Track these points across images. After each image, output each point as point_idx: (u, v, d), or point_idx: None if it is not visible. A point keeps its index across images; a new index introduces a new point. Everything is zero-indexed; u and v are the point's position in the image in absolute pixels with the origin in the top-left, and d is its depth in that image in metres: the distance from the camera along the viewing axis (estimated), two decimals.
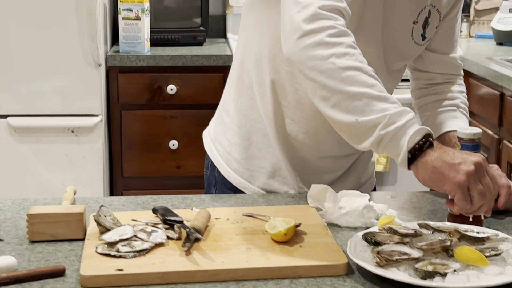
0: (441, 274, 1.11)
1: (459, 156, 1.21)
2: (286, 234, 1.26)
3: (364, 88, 1.25)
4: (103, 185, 3.11)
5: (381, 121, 1.23)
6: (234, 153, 1.60)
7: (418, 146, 1.23)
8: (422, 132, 1.23)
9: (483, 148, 2.90)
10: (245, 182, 1.60)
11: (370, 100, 1.24)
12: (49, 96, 3.02)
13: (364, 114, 1.24)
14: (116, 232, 1.25)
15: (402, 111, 1.24)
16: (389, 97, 1.27)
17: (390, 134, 1.23)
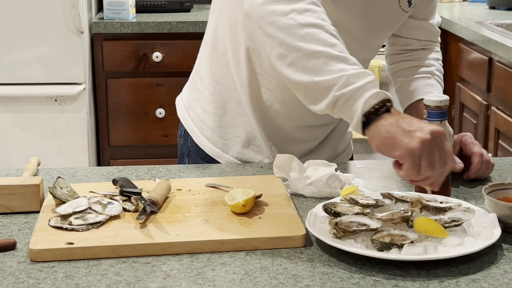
0: (398, 246, 1.09)
1: (416, 124, 1.15)
2: (245, 205, 1.23)
3: (323, 46, 1.21)
4: (89, 154, 3.08)
5: (338, 82, 1.19)
6: (208, 121, 1.57)
7: (373, 110, 1.17)
8: (380, 96, 1.18)
9: (472, 114, 2.86)
10: (219, 151, 1.56)
11: (328, 59, 1.20)
12: (31, 64, 2.98)
13: (321, 74, 1.20)
14: (71, 205, 1.22)
15: (362, 73, 1.19)
16: (349, 58, 1.23)
17: (345, 96, 1.18)
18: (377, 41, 1.55)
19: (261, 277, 1.05)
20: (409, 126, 1.14)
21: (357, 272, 1.06)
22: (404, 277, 1.05)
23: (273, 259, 1.11)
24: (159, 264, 1.09)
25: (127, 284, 1.03)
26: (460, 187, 1.40)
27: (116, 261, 1.10)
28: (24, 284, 1.03)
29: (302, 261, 1.10)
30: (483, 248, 1.09)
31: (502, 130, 2.56)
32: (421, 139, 1.12)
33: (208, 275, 1.06)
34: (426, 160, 1.13)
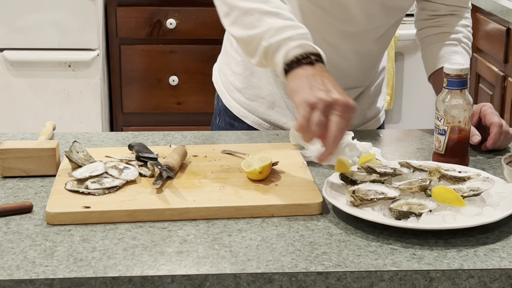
0: (416, 215, 1.08)
1: (328, 85, 1.15)
2: (261, 172, 1.22)
3: (257, 3, 1.28)
4: (102, 121, 3.08)
5: (267, 34, 1.24)
6: (235, 82, 1.60)
7: (296, 59, 1.19)
8: (306, 48, 1.20)
9: (488, 85, 2.83)
10: (245, 112, 1.59)
11: (261, 15, 1.26)
12: (45, 29, 2.97)
13: (254, 28, 1.26)
14: (87, 169, 1.22)
15: (290, 25, 1.23)
16: (283, 13, 1.26)
17: (273, 46, 1.23)
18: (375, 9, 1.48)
19: (278, 244, 1.05)
20: (319, 84, 1.15)
21: (374, 240, 1.06)
22: (422, 246, 1.04)
23: (290, 226, 1.10)
24: (175, 229, 1.09)
25: (144, 249, 1.03)
26: (478, 156, 1.39)
27: (132, 226, 1.10)
28: (41, 247, 1.03)
29: (319, 228, 1.10)
30: (502, 218, 1.08)
31: None
32: (321, 97, 1.13)
33: (225, 241, 1.05)
34: (317, 117, 1.12)
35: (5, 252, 1.01)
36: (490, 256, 1.01)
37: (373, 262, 1.00)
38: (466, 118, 1.30)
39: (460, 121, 1.30)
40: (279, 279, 0.97)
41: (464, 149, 1.33)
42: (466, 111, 1.30)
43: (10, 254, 1.01)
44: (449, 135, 1.31)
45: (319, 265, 0.99)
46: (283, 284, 0.97)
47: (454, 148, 1.31)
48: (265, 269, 0.98)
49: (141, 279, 0.96)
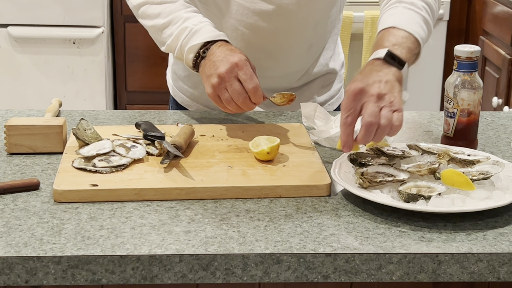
0: (425, 197, 1.07)
1: (212, 68, 1.27)
2: (269, 153, 1.22)
3: (152, 20, 1.38)
4: (106, 98, 3.07)
5: (170, 49, 1.36)
6: (178, 70, 1.60)
7: (194, 63, 1.32)
8: (194, 48, 1.31)
9: (494, 68, 2.81)
10: (189, 100, 1.59)
11: (159, 31, 1.37)
12: (50, 5, 2.95)
13: (162, 43, 1.38)
14: (94, 147, 1.21)
15: (179, 33, 1.33)
16: (173, 18, 1.34)
17: (179, 57, 1.35)
18: None
19: (286, 225, 1.04)
20: (208, 71, 1.28)
21: (383, 222, 1.06)
22: (431, 229, 1.04)
23: (298, 207, 1.10)
24: (183, 208, 1.09)
25: (151, 227, 1.02)
26: (485, 141, 1.38)
27: (140, 204, 1.09)
28: (48, 224, 1.03)
29: (327, 210, 1.09)
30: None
31: None
32: (212, 84, 1.27)
33: (233, 221, 1.05)
34: (223, 98, 1.27)
35: (13, 229, 1.01)
36: (499, 240, 1.01)
37: (381, 245, 0.99)
38: (476, 101, 1.29)
39: (470, 104, 1.29)
40: (287, 260, 0.97)
41: (473, 132, 1.32)
42: (476, 94, 1.29)
43: (17, 231, 1.01)
44: (458, 118, 1.30)
45: (327, 247, 0.98)
46: (291, 265, 0.97)
47: (463, 131, 1.30)
48: (273, 250, 0.97)
49: (149, 258, 0.96)
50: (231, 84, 1.26)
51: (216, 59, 1.28)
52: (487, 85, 2.86)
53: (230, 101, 1.27)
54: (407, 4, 1.34)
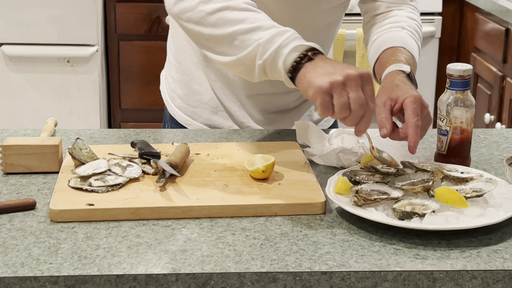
0: (419, 215, 1.08)
1: (334, 68, 1.14)
2: (265, 171, 1.22)
3: (234, 26, 1.23)
4: (100, 116, 3.08)
5: (257, 52, 1.21)
6: (177, 89, 1.60)
7: (295, 64, 1.18)
8: (300, 48, 1.18)
9: (486, 85, 2.84)
10: (188, 119, 1.59)
11: (243, 35, 1.22)
12: (44, 24, 2.96)
13: (241, 50, 1.23)
14: (90, 166, 1.22)
15: (276, 34, 1.20)
16: (264, 24, 1.22)
17: (268, 61, 1.20)
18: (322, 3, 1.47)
19: (282, 243, 1.05)
20: (325, 70, 1.14)
21: (378, 240, 1.06)
22: (425, 246, 1.05)
23: (293, 225, 1.11)
24: (179, 227, 1.09)
25: (148, 246, 1.03)
26: (478, 158, 1.39)
27: (136, 223, 1.10)
28: (45, 244, 1.03)
29: (322, 228, 1.10)
30: (505, 219, 1.08)
31: None
32: (332, 80, 1.12)
33: (229, 239, 1.06)
34: (337, 100, 1.12)
35: (9, 249, 1.01)
36: (493, 257, 1.02)
37: (376, 262, 1.00)
38: (468, 118, 1.31)
39: (462, 121, 1.30)
40: (284, 278, 0.97)
41: (466, 150, 1.33)
42: (468, 112, 1.30)
43: (14, 251, 1.01)
44: (451, 136, 1.31)
45: (323, 265, 0.99)
46: (287, 283, 0.98)
47: (456, 149, 1.32)
48: (269, 268, 0.98)
49: (145, 277, 0.96)
50: (357, 90, 1.12)
51: (336, 64, 1.16)
52: (480, 102, 2.89)
53: (345, 107, 1.12)
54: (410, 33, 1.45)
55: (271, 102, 1.58)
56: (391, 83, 1.28)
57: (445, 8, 3.14)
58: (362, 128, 1.15)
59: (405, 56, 1.38)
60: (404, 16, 1.49)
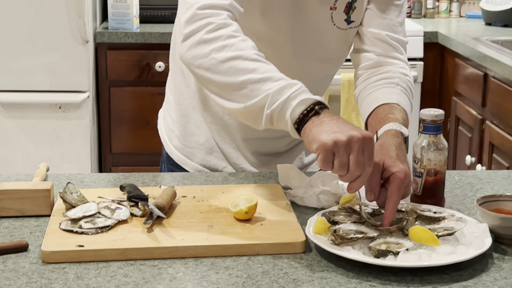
0: (393, 253, 1.14)
1: (339, 127, 1.20)
2: (248, 212, 1.28)
3: (245, 75, 1.28)
4: (91, 161, 3.13)
5: (265, 101, 1.26)
6: (175, 130, 1.67)
7: (302, 116, 1.23)
8: (307, 102, 1.24)
9: (467, 128, 2.92)
10: (185, 159, 1.66)
11: (253, 85, 1.27)
12: (37, 72, 3.04)
13: (250, 99, 1.27)
14: (81, 209, 1.28)
15: (285, 86, 1.25)
16: (272, 76, 1.27)
17: (276, 111, 1.25)
18: (318, 54, 1.54)
19: (263, 281, 1.10)
20: (330, 127, 1.20)
21: (355, 277, 1.12)
22: (399, 283, 1.10)
23: (274, 264, 1.16)
24: (165, 267, 1.14)
25: (135, 286, 1.08)
26: (452, 198, 1.45)
27: (124, 264, 1.15)
28: (37, 284, 1.08)
29: (302, 266, 1.15)
30: (475, 256, 1.14)
31: (496, 144, 2.62)
32: (336, 139, 1.18)
33: (212, 278, 1.11)
34: (338, 159, 1.18)
35: None
36: None
37: None
38: (442, 161, 1.37)
39: (436, 164, 1.37)
40: None
41: (440, 191, 1.39)
42: (441, 155, 1.37)
43: None
44: (426, 178, 1.37)
45: None
46: None
47: (430, 190, 1.38)
48: None
49: None
50: (357, 152, 1.18)
51: (342, 122, 1.21)
52: (461, 144, 2.96)
53: (344, 166, 1.18)
54: (403, 89, 1.50)
55: (264, 145, 1.64)
56: (388, 146, 1.32)
57: (426, 53, 3.24)
58: (355, 187, 1.21)
59: (402, 115, 1.44)
60: (398, 72, 1.53)
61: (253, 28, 1.46)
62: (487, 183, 1.54)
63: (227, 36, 1.31)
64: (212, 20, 1.31)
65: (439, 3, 3.68)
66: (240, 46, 1.30)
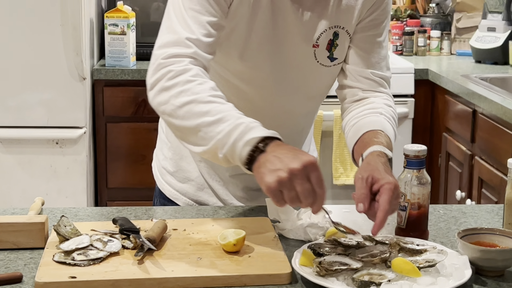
0: (376, 284, 1.18)
1: (281, 161, 1.24)
2: (236, 244, 1.32)
3: (199, 118, 1.34)
4: (87, 195, 3.17)
5: (218, 145, 1.32)
6: (167, 166, 1.72)
7: (249, 157, 1.29)
8: (252, 142, 1.28)
9: (457, 163, 2.97)
10: (177, 194, 1.71)
11: (206, 128, 1.33)
12: (35, 108, 3.09)
13: (206, 142, 1.33)
14: (74, 241, 1.31)
15: (232, 128, 1.30)
16: (224, 117, 1.32)
17: (228, 154, 1.31)
18: (302, 92, 1.59)
19: None
20: (273, 166, 1.24)
21: None
22: None
23: None
24: None
25: None
26: (435, 231, 1.49)
27: None
28: None
29: None
30: (455, 287, 1.18)
31: (485, 179, 2.67)
32: (278, 178, 1.23)
33: None
34: (287, 196, 1.24)
35: None
36: None
37: None
38: (425, 195, 1.42)
39: (419, 198, 1.41)
40: None
41: (424, 224, 1.43)
42: (425, 189, 1.41)
43: None
44: (410, 211, 1.42)
45: None
46: None
47: (414, 223, 1.42)
48: None
49: None
50: (302, 183, 1.23)
51: (283, 155, 1.25)
52: (451, 179, 3.01)
53: (294, 199, 1.24)
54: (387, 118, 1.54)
55: (252, 180, 1.68)
56: (376, 162, 1.38)
57: (417, 90, 3.30)
58: (315, 210, 1.26)
59: (386, 139, 1.49)
60: (381, 103, 1.58)
61: (235, 69, 1.52)
62: (471, 217, 1.58)
63: (185, 81, 1.37)
64: (173, 68, 1.38)
65: (430, 41, 3.76)
66: (195, 90, 1.36)
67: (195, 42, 1.40)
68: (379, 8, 1.56)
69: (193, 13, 1.42)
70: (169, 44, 1.41)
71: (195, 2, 1.42)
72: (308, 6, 1.50)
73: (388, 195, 1.30)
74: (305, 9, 1.50)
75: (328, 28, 1.53)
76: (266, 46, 1.51)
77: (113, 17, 3.21)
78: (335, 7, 1.52)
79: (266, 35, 1.50)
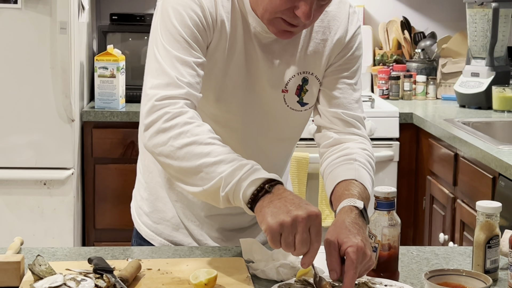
0: None
1: (286, 206, 1.27)
2: (207, 284, 1.34)
3: (200, 159, 1.36)
4: (74, 236, 3.19)
5: (220, 184, 1.34)
6: (144, 206, 1.76)
7: (253, 196, 1.31)
8: (257, 182, 1.32)
9: (440, 206, 3.00)
10: (152, 234, 1.74)
11: (207, 168, 1.36)
12: (23, 149, 3.13)
13: (206, 182, 1.36)
14: (48, 280, 1.34)
15: (237, 168, 1.33)
16: (226, 158, 1.35)
17: (230, 193, 1.34)
18: (273, 135, 1.63)
19: None
20: (277, 208, 1.28)
21: None
22: None
23: None
24: None
25: None
26: (407, 272, 1.52)
27: None
28: None
29: None
30: None
31: (466, 222, 2.69)
32: (281, 221, 1.26)
33: None
34: (284, 241, 1.27)
35: None
36: None
37: None
38: (395, 236, 1.45)
39: (389, 239, 1.44)
40: None
41: (394, 265, 1.46)
42: (395, 230, 1.44)
43: None
44: (380, 252, 1.44)
45: None
46: None
47: (384, 264, 1.44)
48: None
49: None
50: (302, 232, 1.26)
51: (289, 201, 1.28)
52: (435, 222, 3.04)
53: (290, 245, 1.27)
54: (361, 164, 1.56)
55: (228, 221, 1.72)
56: (342, 223, 1.38)
57: (402, 133, 3.35)
58: (306, 262, 1.29)
59: (358, 190, 1.50)
60: (356, 148, 1.59)
61: (210, 112, 1.57)
62: (443, 259, 1.60)
63: (183, 123, 1.40)
64: (169, 110, 1.41)
65: (416, 86, 3.82)
66: (195, 131, 1.39)
67: (186, 83, 1.45)
68: (347, 53, 1.60)
69: (179, 56, 1.46)
70: (161, 86, 1.44)
71: (178, 46, 1.47)
72: (277, 54, 1.56)
73: (351, 259, 1.31)
74: (274, 56, 1.56)
75: (297, 73, 1.58)
76: (239, 91, 1.56)
77: (103, 60, 3.27)
78: (303, 53, 1.57)
79: (239, 80, 1.55)
